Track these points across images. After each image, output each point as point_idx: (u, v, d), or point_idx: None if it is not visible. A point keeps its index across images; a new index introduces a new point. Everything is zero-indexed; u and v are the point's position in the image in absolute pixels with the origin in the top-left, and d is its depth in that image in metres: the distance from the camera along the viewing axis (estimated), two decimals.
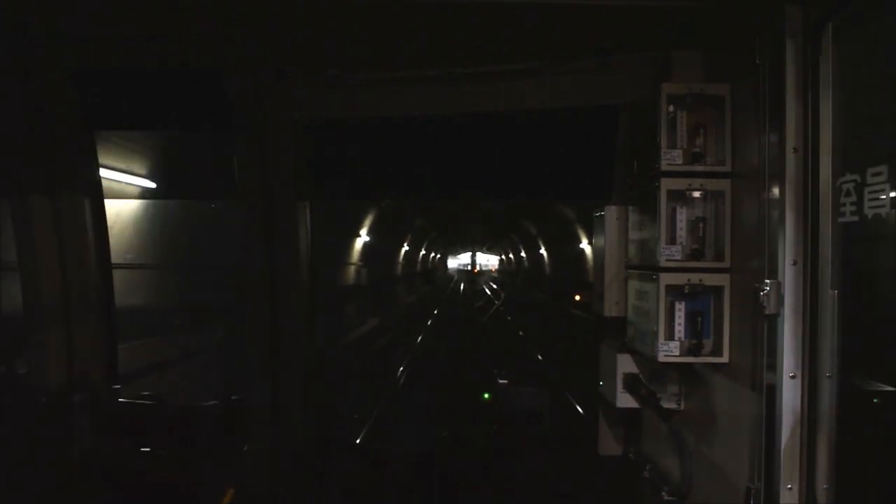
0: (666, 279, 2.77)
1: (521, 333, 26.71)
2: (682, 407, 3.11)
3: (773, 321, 2.29)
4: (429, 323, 30.31)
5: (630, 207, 3.39)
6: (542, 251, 37.69)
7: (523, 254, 48.20)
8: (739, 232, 2.68)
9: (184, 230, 11.48)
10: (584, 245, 25.59)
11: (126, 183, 8.15)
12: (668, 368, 3.05)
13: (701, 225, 2.77)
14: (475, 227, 46.71)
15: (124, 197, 8.88)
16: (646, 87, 3.06)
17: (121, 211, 9.40)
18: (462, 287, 59.56)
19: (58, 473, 3.60)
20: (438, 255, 65.20)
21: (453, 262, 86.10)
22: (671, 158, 2.77)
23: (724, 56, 2.81)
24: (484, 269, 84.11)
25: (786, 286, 2.24)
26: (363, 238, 26.18)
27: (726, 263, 2.74)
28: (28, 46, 3.31)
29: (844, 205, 2.04)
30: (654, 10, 2.74)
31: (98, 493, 3.62)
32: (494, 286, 63.59)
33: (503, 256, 72.26)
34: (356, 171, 4.17)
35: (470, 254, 77.90)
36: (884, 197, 1.85)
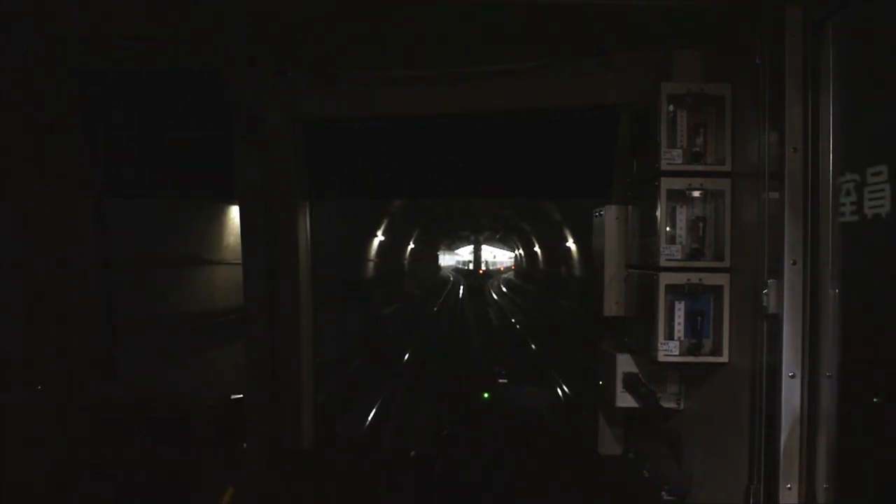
0: (665, 279, 2.77)
1: None
2: (682, 407, 3.11)
3: (774, 321, 2.29)
4: None
5: (630, 207, 3.39)
6: None
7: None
8: (739, 232, 2.68)
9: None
10: None
11: None
12: (667, 368, 3.05)
13: (701, 224, 2.77)
14: (478, 207, 32.43)
15: None
16: (646, 86, 3.06)
17: None
18: (460, 300, 35.78)
19: (57, 472, 3.60)
20: (420, 246, 40.82)
21: (448, 259, 67.43)
22: (671, 158, 2.77)
23: (724, 56, 2.81)
24: (491, 267, 64.28)
25: (786, 286, 2.24)
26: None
27: (726, 263, 2.74)
28: (29, 46, 3.31)
29: (844, 204, 2.04)
30: (654, 10, 2.74)
31: (97, 492, 3.62)
32: (521, 303, 35.68)
33: (524, 251, 46.55)
34: (356, 171, 4.18)
35: (472, 247, 56.00)
36: (884, 196, 1.85)
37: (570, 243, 25.89)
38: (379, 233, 25.60)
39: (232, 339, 9.54)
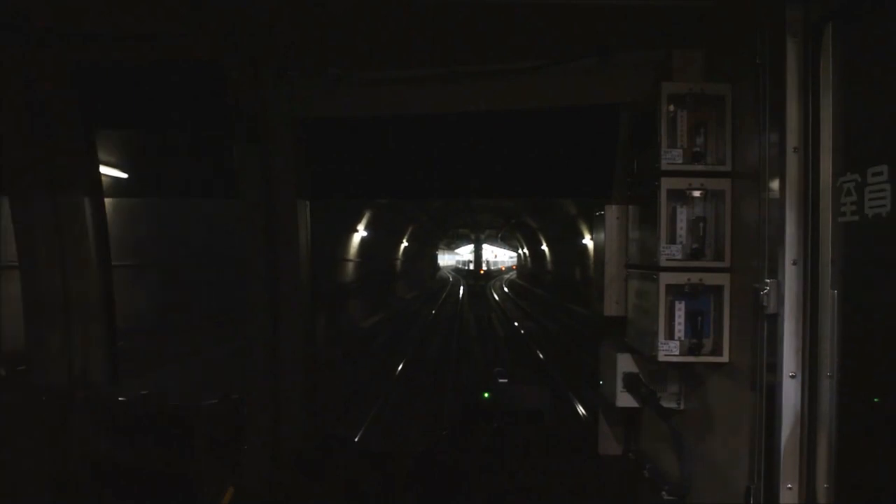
0: (666, 279, 2.77)
1: None
2: (682, 406, 3.12)
3: (774, 321, 2.29)
4: None
5: (630, 207, 3.39)
6: None
7: None
8: (739, 232, 2.68)
9: None
10: None
11: None
12: (668, 368, 3.05)
13: (701, 224, 2.77)
14: (478, 204, 29.65)
15: None
16: (646, 86, 3.06)
17: None
18: (460, 302, 32.49)
19: (58, 472, 3.60)
20: (415, 245, 37.36)
21: (448, 259, 67.03)
22: (671, 158, 2.77)
23: (724, 56, 2.81)
24: (493, 267, 63.03)
25: (786, 286, 2.24)
26: None
27: (726, 263, 2.74)
28: (28, 44, 3.31)
29: (845, 204, 2.04)
30: (655, 9, 2.74)
31: (97, 492, 3.62)
32: (526, 307, 31.23)
33: (529, 250, 42.73)
34: (356, 171, 4.18)
35: (472, 246, 53.38)
36: (884, 196, 1.85)
37: (588, 240, 22.93)
38: (360, 227, 22.54)
39: None
